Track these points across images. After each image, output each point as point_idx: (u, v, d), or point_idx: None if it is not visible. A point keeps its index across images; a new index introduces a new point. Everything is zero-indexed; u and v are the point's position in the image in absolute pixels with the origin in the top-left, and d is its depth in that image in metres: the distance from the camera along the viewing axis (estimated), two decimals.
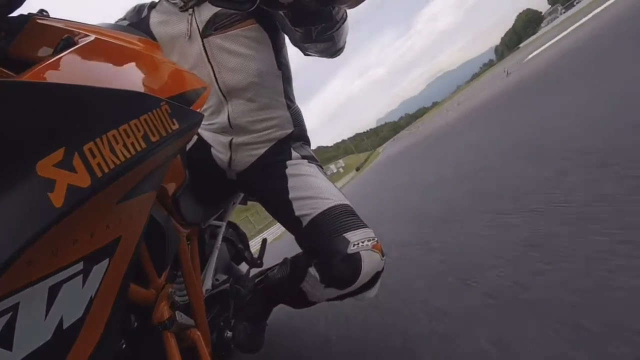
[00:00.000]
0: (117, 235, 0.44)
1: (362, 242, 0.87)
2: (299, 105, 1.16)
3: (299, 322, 1.61)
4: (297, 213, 0.95)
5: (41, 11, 0.69)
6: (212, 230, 1.28)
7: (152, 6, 1.07)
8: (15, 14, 0.61)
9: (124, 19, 1.08)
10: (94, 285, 0.39)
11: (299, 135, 1.13)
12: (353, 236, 0.88)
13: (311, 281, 0.96)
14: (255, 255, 1.54)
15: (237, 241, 1.51)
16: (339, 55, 1.00)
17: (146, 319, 0.68)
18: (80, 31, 0.63)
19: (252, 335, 1.10)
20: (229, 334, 1.07)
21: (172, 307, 0.74)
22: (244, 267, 1.57)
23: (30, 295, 0.32)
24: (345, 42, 0.97)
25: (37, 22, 0.64)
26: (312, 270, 0.94)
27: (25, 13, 0.66)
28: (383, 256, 0.92)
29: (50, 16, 0.69)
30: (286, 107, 1.10)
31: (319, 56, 1.00)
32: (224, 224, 1.33)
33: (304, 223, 0.94)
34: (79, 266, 0.37)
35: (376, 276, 0.92)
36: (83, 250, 0.38)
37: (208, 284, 1.13)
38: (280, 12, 0.69)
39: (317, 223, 0.92)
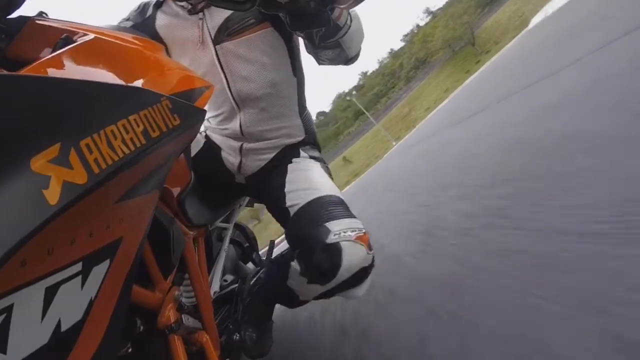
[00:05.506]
0: (118, 236, 0.43)
1: (344, 232, 0.81)
2: None
3: (304, 320, 1.60)
4: (287, 204, 0.92)
5: (40, 13, 0.69)
6: (219, 232, 1.27)
7: (158, 6, 1.03)
8: (14, 15, 0.60)
9: (128, 19, 1.05)
10: (94, 287, 0.38)
11: (309, 141, 1.13)
12: (335, 225, 0.82)
13: (294, 276, 0.89)
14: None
15: (245, 243, 1.50)
16: (353, 63, 0.98)
17: (152, 322, 0.67)
18: (80, 31, 0.62)
19: (258, 341, 1.08)
20: (238, 336, 1.06)
21: (179, 310, 0.72)
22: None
23: (26, 296, 0.30)
24: (360, 50, 0.95)
25: (36, 23, 0.63)
26: (295, 264, 0.88)
27: (25, 15, 0.65)
28: (370, 250, 0.86)
29: (50, 18, 0.69)
30: (298, 115, 1.10)
31: (331, 64, 0.98)
32: (231, 225, 1.32)
33: (292, 213, 0.90)
34: (78, 267, 0.36)
35: (362, 272, 0.85)
36: (82, 250, 0.36)
37: (216, 286, 1.12)
38: (280, 15, 0.67)
39: (303, 212, 0.89)
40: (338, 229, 0.81)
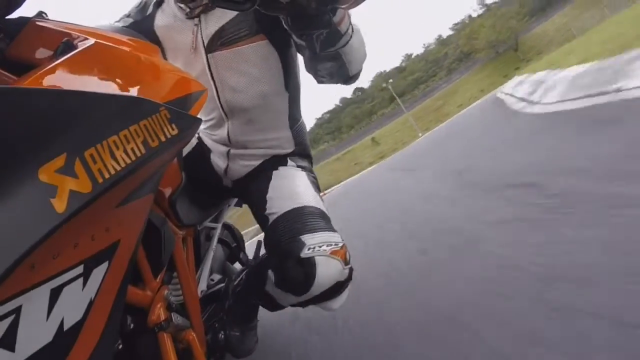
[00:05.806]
0: (116, 239, 0.45)
1: (320, 247, 0.81)
2: None
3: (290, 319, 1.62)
4: (267, 211, 0.93)
5: (40, 13, 0.69)
6: (207, 231, 1.28)
7: (159, 4, 1.02)
8: (14, 15, 0.61)
9: (128, 15, 1.06)
10: (94, 288, 0.40)
11: (300, 153, 1.13)
12: (311, 239, 0.82)
13: (270, 284, 0.91)
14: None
15: (232, 242, 1.52)
16: (353, 82, 0.96)
17: (142, 320, 0.68)
18: (79, 34, 0.63)
19: (243, 340, 1.09)
20: (223, 335, 1.08)
21: (168, 309, 0.74)
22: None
23: (33, 298, 0.33)
24: (360, 70, 0.94)
25: (36, 25, 0.64)
26: (271, 273, 0.90)
27: (25, 16, 0.66)
28: (347, 264, 0.85)
29: (49, 18, 0.69)
30: (288, 128, 1.09)
31: (331, 81, 0.97)
32: (219, 225, 1.33)
33: (270, 221, 0.91)
34: (80, 269, 0.38)
35: (338, 286, 0.85)
36: (83, 253, 0.39)
37: (203, 285, 1.13)
38: (280, 17, 0.68)
39: (281, 221, 0.88)
40: (313, 243, 0.81)
